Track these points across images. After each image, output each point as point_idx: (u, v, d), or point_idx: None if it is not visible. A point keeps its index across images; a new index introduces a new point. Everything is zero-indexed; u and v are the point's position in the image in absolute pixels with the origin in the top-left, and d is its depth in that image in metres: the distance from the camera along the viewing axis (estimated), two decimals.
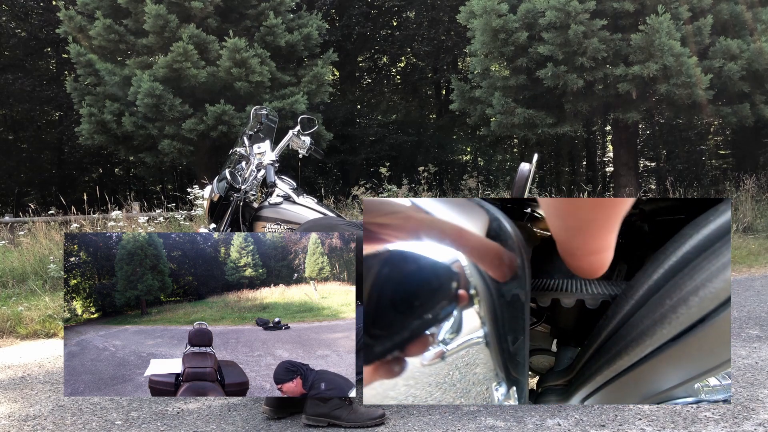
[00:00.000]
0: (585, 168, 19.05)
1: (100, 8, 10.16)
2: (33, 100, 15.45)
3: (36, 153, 17.30)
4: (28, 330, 4.36)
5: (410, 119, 17.46)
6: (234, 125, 9.57)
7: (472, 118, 10.80)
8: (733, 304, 4.28)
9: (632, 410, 2.35)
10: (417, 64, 17.44)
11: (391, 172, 9.15)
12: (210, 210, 2.98)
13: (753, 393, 2.51)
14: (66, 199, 8.37)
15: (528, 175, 2.64)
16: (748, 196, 8.71)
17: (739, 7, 9.10)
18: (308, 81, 10.63)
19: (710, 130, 15.63)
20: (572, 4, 8.50)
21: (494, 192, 10.25)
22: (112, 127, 10.27)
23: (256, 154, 2.91)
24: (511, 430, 2.22)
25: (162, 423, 2.46)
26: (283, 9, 10.74)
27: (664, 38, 8.22)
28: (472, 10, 9.48)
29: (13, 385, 3.12)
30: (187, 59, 9.46)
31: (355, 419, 2.28)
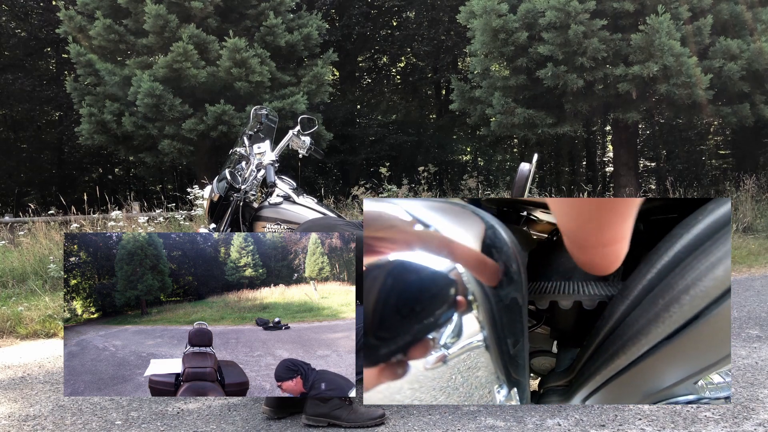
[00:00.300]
0: (585, 168, 19.05)
1: (100, 8, 10.16)
2: (33, 100, 15.45)
3: (36, 153, 17.30)
4: (28, 330, 4.36)
5: (410, 119, 17.46)
6: (234, 125, 9.57)
7: (472, 118, 10.80)
8: (733, 304, 4.28)
9: (632, 410, 2.35)
10: (417, 64, 17.44)
11: (391, 172, 9.15)
12: (210, 210, 2.98)
13: (753, 393, 2.51)
14: (66, 199, 8.37)
15: (528, 175, 2.64)
16: (748, 196, 8.71)
17: (739, 7, 9.10)
18: (308, 81, 10.63)
19: (710, 130, 15.64)
20: (572, 4, 8.50)
21: (494, 192, 10.25)
22: (112, 127, 10.27)
23: (256, 154, 2.91)
24: (511, 430, 2.22)
25: (162, 423, 2.46)
26: (283, 9, 10.74)
27: (664, 38, 8.22)
28: (472, 10, 9.48)
29: (13, 385, 3.12)
30: (187, 59, 9.46)
31: (355, 419, 2.28)
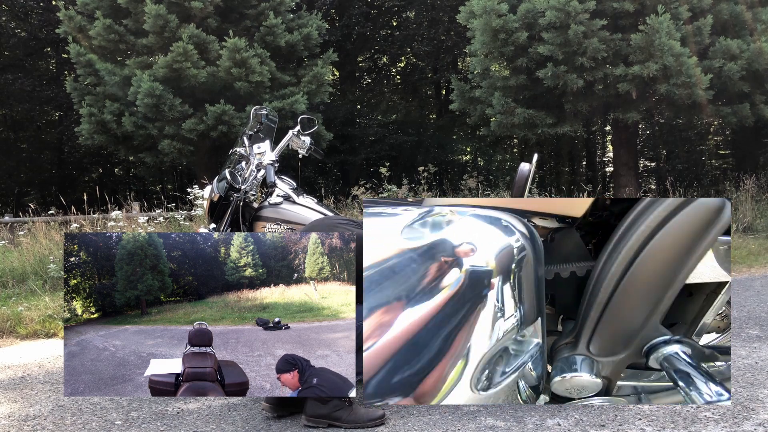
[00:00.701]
0: (585, 168, 19.06)
1: (100, 8, 10.16)
2: (33, 100, 15.45)
3: (36, 153, 17.30)
4: (28, 330, 4.36)
5: (410, 119, 17.45)
6: (234, 125, 9.57)
7: (472, 118, 10.79)
8: (733, 304, 4.28)
9: (632, 410, 2.35)
10: (417, 64, 17.44)
11: (391, 172, 9.15)
12: (210, 210, 2.98)
13: (753, 393, 2.51)
14: (66, 199, 8.36)
15: (528, 175, 2.65)
16: (748, 196, 8.70)
17: (739, 7, 9.09)
18: (308, 81, 10.62)
19: (710, 130, 15.64)
20: (572, 4, 8.50)
21: (494, 192, 10.24)
22: (112, 127, 10.27)
23: (256, 154, 2.91)
24: (511, 430, 2.22)
25: (162, 423, 2.46)
26: (283, 9, 10.73)
27: (664, 38, 8.22)
28: (472, 10, 9.48)
29: (13, 385, 3.12)
30: (187, 59, 9.46)
31: (355, 420, 2.27)
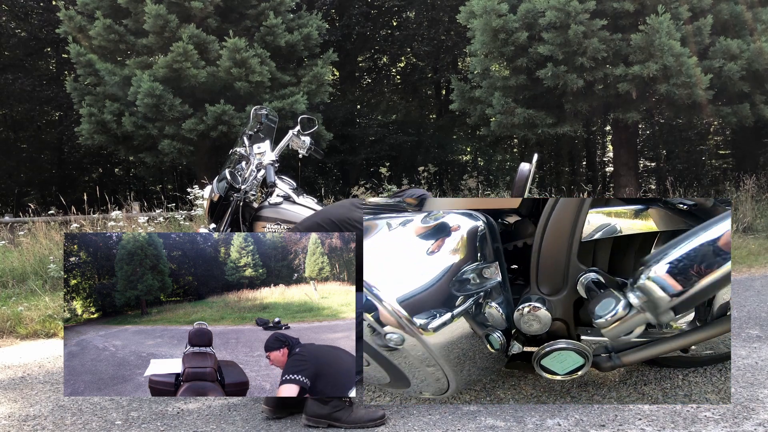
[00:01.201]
0: (585, 168, 19.04)
1: (100, 8, 10.15)
2: (33, 100, 15.44)
3: (36, 153, 17.28)
4: (28, 330, 4.36)
5: (410, 119, 17.44)
6: (234, 125, 9.57)
7: (472, 118, 10.79)
8: (733, 304, 4.28)
9: (632, 410, 2.35)
10: (417, 64, 17.42)
11: (391, 172, 9.17)
12: (210, 210, 2.98)
13: (753, 393, 2.51)
14: (66, 199, 8.35)
15: (528, 175, 2.65)
16: (748, 196, 8.70)
17: (739, 7, 9.09)
18: (308, 81, 10.62)
19: (710, 130, 15.63)
20: (572, 4, 8.49)
21: (494, 192, 10.24)
22: (112, 127, 10.26)
23: (256, 154, 2.91)
24: (511, 430, 2.22)
25: (162, 423, 2.46)
26: (283, 9, 10.73)
27: (664, 38, 8.22)
28: (472, 10, 9.47)
29: (13, 385, 3.12)
30: (187, 59, 9.45)
31: (355, 420, 2.27)
